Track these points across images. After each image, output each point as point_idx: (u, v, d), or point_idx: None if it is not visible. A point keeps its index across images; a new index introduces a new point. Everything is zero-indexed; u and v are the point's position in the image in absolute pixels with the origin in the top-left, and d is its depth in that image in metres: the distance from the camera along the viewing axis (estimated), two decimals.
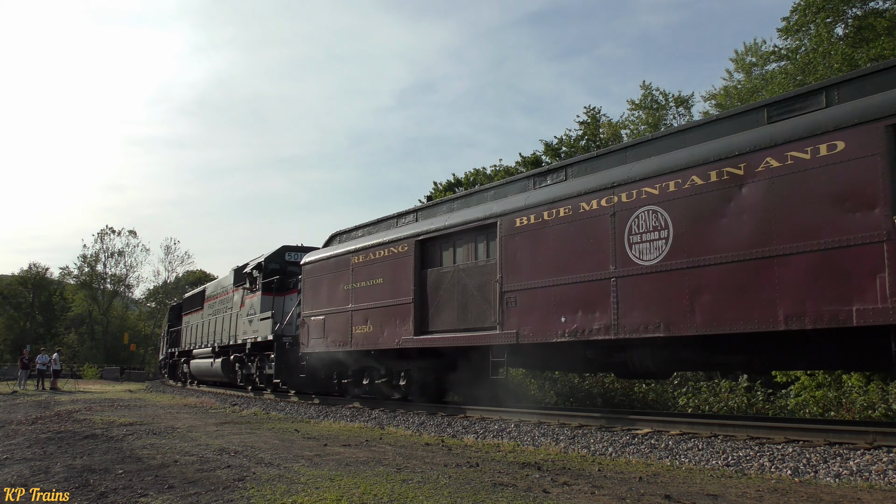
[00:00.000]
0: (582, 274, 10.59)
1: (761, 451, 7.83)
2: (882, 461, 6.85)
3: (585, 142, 32.55)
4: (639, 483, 6.60)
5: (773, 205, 8.37)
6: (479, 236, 13.00)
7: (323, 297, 17.22)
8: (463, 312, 13.00)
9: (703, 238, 9.07)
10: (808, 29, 22.44)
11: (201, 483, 6.54)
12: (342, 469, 7.28)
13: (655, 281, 9.60)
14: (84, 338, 74.13)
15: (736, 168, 8.75)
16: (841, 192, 7.75)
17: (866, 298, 7.46)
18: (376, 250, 15.35)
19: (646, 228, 9.78)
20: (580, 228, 10.72)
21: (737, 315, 8.60)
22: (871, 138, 7.53)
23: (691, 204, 9.23)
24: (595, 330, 10.31)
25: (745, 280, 8.56)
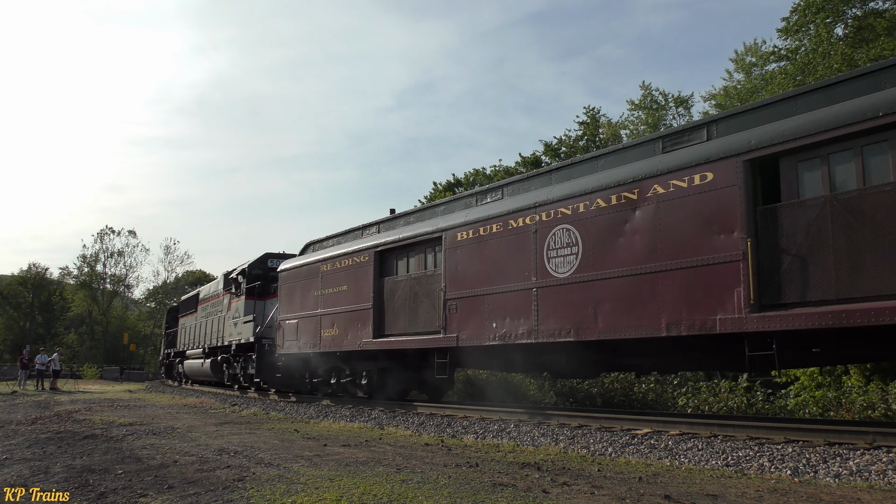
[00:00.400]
0: (510, 284, 11.77)
1: (761, 451, 7.83)
2: (882, 461, 6.85)
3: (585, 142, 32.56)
4: (638, 483, 6.60)
5: (658, 226, 9.57)
6: (428, 248, 14.18)
7: (297, 302, 18.46)
8: (414, 317, 14.17)
9: (605, 254, 10.29)
10: (808, 29, 22.44)
11: (201, 483, 6.54)
12: (342, 469, 7.28)
13: (568, 292, 10.79)
14: (84, 338, 74.13)
15: (631, 193, 9.95)
16: (710, 217, 8.94)
17: (727, 309, 8.66)
18: (342, 259, 16.61)
19: (561, 244, 11.01)
20: (509, 243, 11.90)
21: (630, 323, 9.78)
22: (732, 171, 8.72)
23: (596, 224, 10.47)
24: (519, 335, 11.49)
25: (637, 292, 9.76)
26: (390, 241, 15.03)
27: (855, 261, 7.74)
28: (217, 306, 26.57)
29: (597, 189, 10.51)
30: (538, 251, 11.35)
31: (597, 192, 10.50)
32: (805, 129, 8.16)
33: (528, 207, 11.66)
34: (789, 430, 8.66)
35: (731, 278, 8.64)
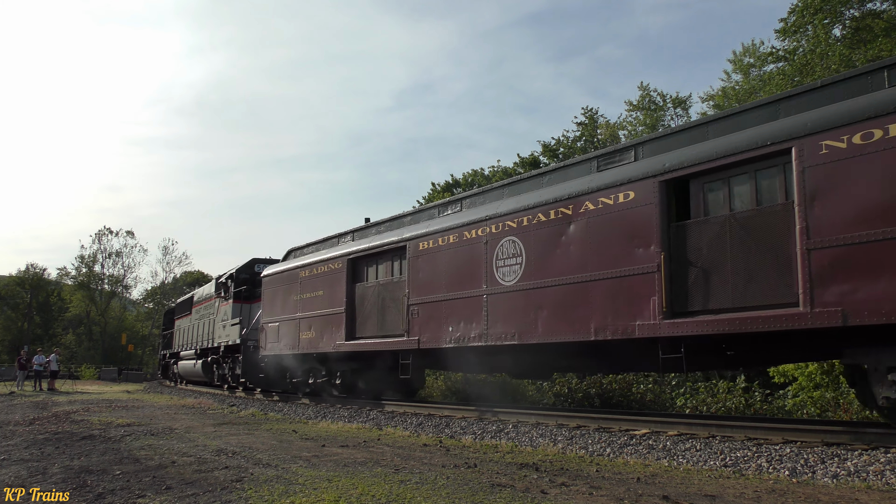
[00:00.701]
0: (464, 291, 12.72)
1: (759, 451, 7.84)
2: (879, 462, 6.86)
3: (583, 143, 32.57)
4: (637, 484, 6.61)
5: (589, 239, 10.49)
6: (394, 257, 15.11)
7: (278, 306, 19.45)
8: (382, 321, 15.12)
9: (544, 264, 11.19)
10: (806, 30, 22.46)
11: (199, 484, 6.54)
12: (340, 470, 7.28)
13: (513, 298, 11.69)
14: (82, 338, 73.98)
15: (567, 209, 10.87)
16: (631, 232, 9.81)
17: (644, 316, 9.52)
18: (318, 266, 17.60)
19: (508, 255, 11.93)
20: (464, 253, 12.85)
21: (565, 327, 10.67)
22: (650, 191, 9.61)
23: (538, 236, 11.36)
24: (472, 338, 12.41)
25: (570, 299, 10.66)
26: (361, 250, 16.01)
27: (748, 273, 8.64)
28: (209, 309, 27.39)
29: (538, 204, 11.43)
30: (488, 261, 12.28)
31: (538, 207, 11.41)
32: (710, 154, 9.06)
33: (480, 220, 12.59)
34: (787, 430, 8.67)
35: (648, 288, 9.54)
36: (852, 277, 7.65)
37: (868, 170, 7.57)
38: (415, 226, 14.60)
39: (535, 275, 11.32)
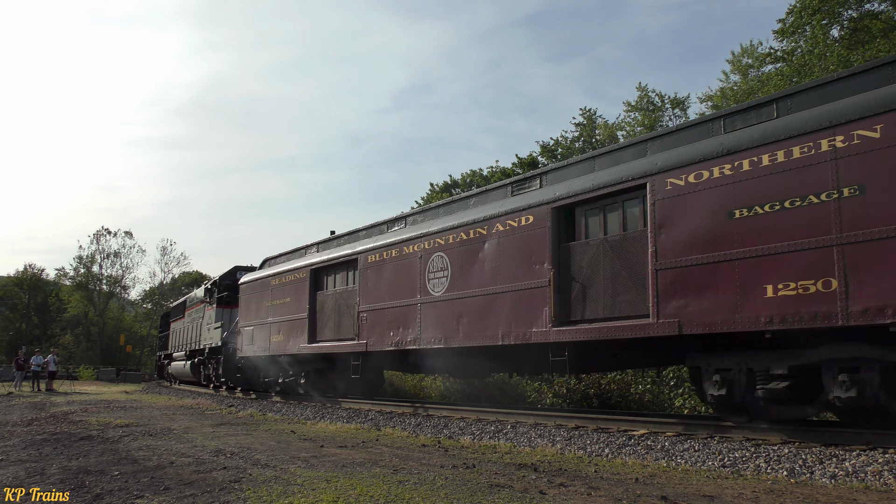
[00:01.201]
0: (402, 300, 14.29)
1: (757, 452, 7.84)
2: (878, 462, 6.87)
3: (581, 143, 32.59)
4: (635, 484, 6.61)
5: (499, 256, 12.06)
6: (349, 268, 16.77)
7: (253, 311, 21.23)
8: (338, 326, 16.76)
9: (465, 277, 12.76)
10: (804, 31, 22.48)
11: (197, 484, 6.53)
12: (338, 470, 7.28)
13: (440, 307, 13.25)
14: (80, 339, 73.91)
15: (483, 229, 12.49)
16: (531, 251, 11.40)
17: (539, 324, 11.04)
18: (286, 275, 19.38)
19: (437, 269, 13.52)
20: (404, 266, 14.43)
21: (479, 333, 12.24)
22: (545, 216, 11.23)
23: (460, 253, 12.94)
24: (408, 341, 13.97)
25: (484, 309, 12.20)
26: (322, 261, 17.73)
27: (616, 288, 10.17)
28: (199, 313, 28.92)
29: (461, 225, 13.04)
30: (422, 274, 13.88)
31: (461, 227, 13.02)
32: (589, 186, 10.63)
33: (416, 237, 14.17)
34: (785, 430, 8.68)
35: (542, 300, 11.06)
36: (686, 294, 9.14)
37: (697, 204, 9.09)
38: (367, 240, 16.31)
39: (457, 287, 12.95)
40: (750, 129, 8.91)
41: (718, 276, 8.76)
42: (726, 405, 9.36)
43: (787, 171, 8.22)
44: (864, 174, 7.58)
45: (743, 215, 8.62)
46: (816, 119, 8.08)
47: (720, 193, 8.85)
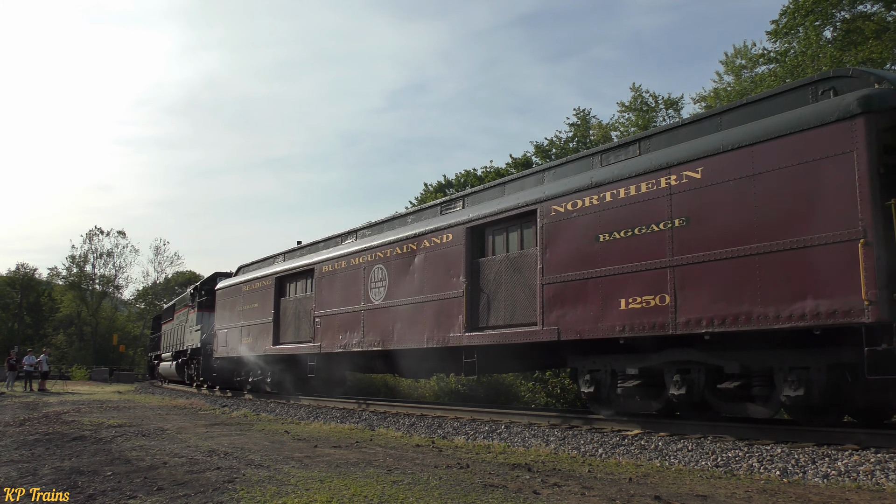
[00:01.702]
0: (350, 307, 16.00)
1: (750, 451, 7.87)
2: (870, 462, 6.90)
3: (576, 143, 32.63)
4: (629, 484, 6.62)
5: (426, 269, 13.74)
6: (307, 277, 18.58)
7: (227, 315, 23.13)
8: (298, 330, 18.58)
9: (399, 287, 14.42)
10: (797, 32, 22.54)
11: (191, 485, 6.52)
12: (332, 470, 7.27)
13: (379, 314, 14.95)
14: (73, 339, 73.58)
15: (413, 244, 14.19)
16: (450, 265, 13.08)
17: (455, 330, 12.74)
18: (255, 282, 21.32)
19: (377, 279, 15.24)
20: (351, 276, 16.21)
21: (409, 337, 13.90)
22: (461, 235, 12.96)
23: (396, 265, 14.64)
24: (353, 344, 15.73)
25: (413, 315, 13.85)
26: (285, 270, 19.62)
27: (514, 299, 11.86)
28: (185, 316, 30.65)
29: (397, 240, 14.73)
30: (365, 283, 15.62)
31: (397, 243, 14.72)
32: (495, 210, 12.35)
33: (361, 250, 15.97)
34: (778, 430, 8.71)
35: (458, 308, 12.74)
36: (564, 305, 10.70)
37: (573, 229, 10.68)
38: (324, 251, 18.11)
39: (393, 295, 14.64)
40: (615, 166, 10.46)
41: (587, 290, 10.38)
42: (596, 400, 11.07)
43: (638, 203, 9.76)
44: (689, 208, 9.11)
45: (605, 239, 10.17)
46: (658, 160, 9.61)
47: (590, 220, 10.45)
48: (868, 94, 7.81)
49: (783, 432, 8.60)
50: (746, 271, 8.48)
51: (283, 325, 19.44)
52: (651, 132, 10.55)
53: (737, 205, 8.65)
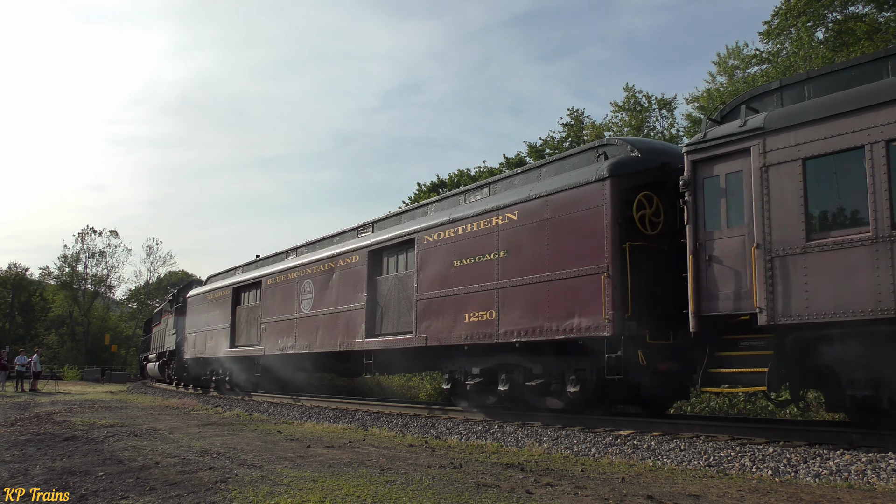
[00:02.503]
0: (286, 315, 19.06)
1: (742, 451, 7.89)
2: (861, 461, 6.93)
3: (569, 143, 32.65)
4: (621, 483, 6.63)
5: (340, 284, 16.71)
6: (257, 288, 21.52)
7: (195, 320, 26.48)
8: (249, 334, 21.60)
9: (321, 300, 17.36)
10: (789, 33, 22.60)
11: (183, 485, 6.50)
12: (325, 470, 7.26)
13: (308, 322, 17.86)
14: (64, 339, 73.26)
15: (332, 263, 17.19)
16: (356, 282, 15.97)
17: (358, 336, 15.53)
18: (217, 291, 24.49)
19: (306, 292, 18.20)
20: (288, 289, 19.25)
21: (327, 342, 16.82)
22: (364, 257, 15.85)
23: (319, 280, 17.63)
24: (289, 347, 18.66)
25: (330, 323, 16.78)
26: (240, 281, 22.72)
27: (400, 311, 14.42)
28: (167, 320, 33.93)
29: (320, 260, 17.77)
30: (298, 295, 18.54)
31: (320, 261, 17.74)
32: (387, 239, 15.20)
33: (296, 266, 19.00)
34: (770, 430, 8.74)
35: (361, 318, 15.50)
36: (430, 317, 13.37)
37: (438, 255, 13.44)
38: (271, 265, 21.14)
39: (317, 306, 17.50)
40: (468, 205, 13.26)
41: (445, 305, 13.04)
42: (454, 395, 13.80)
43: (479, 236, 12.51)
44: (509, 243, 11.85)
45: (458, 265, 12.91)
46: (493, 203, 12.38)
47: (449, 249, 13.20)
48: (615, 161, 10.44)
49: (775, 432, 8.63)
50: (541, 294, 11.13)
51: (238, 329, 22.47)
52: (498, 178, 13.29)
53: (536, 242, 11.33)
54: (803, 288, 8.18)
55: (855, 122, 7.98)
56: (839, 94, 8.34)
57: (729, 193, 9.19)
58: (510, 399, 12.34)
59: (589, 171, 10.72)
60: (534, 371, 11.66)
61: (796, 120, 8.51)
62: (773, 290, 8.40)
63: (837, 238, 8.02)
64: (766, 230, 8.58)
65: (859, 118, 7.95)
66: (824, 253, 8.06)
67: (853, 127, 7.98)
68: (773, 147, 8.67)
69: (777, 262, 8.44)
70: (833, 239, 8.05)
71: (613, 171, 10.20)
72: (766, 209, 8.61)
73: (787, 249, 8.37)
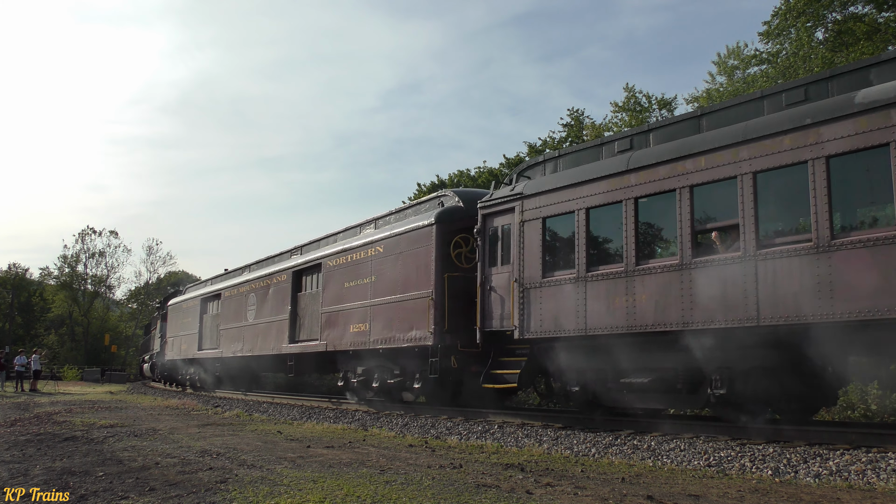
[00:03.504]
0: (237, 323, 22.95)
1: (742, 451, 7.89)
2: (861, 461, 6.93)
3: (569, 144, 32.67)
4: (621, 484, 6.63)
5: (273, 298, 20.41)
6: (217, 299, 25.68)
7: (172, 326, 31.11)
8: (212, 339, 25.57)
9: (262, 311, 21.07)
10: (789, 33, 22.61)
11: (183, 485, 6.49)
12: (325, 471, 7.26)
13: (252, 329, 21.46)
14: (64, 339, 73.19)
15: (269, 280, 20.93)
16: (283, 297, 19.68)
17: (283, 341, 19.08)
18: (189, 301, 28.97)
19: (251, 304, 21.93)
20: (238, 300, 23.21)
21: (265, 346, 20.37)
22: (289, 277, 19.47)
23: (260, 294, 21.40)
24: (239, 350, 22.46)
25: (266, 331, 20.33)
26: (207, 292, 27.08)
27: (312, 322, 17.98)
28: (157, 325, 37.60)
29: (261, 276, 21.66)
30: (245, 306, 22.38)
31: (262, 278, 21.51)
32: (304, 261, 18.92)
33: (244, 282, 23.05)
34: (770, 430, 8.74)
35: (286, 327, 19.08)
36: (330, 328, 16.76)
37: (335, 277, 16.88)
38: (230, 279, 25.46)
39: (258, 316, 21.24)
40: (358, 237, 16.58)
41: (339, 318, 16.40)
42: (346, 390, 17.19)
43: (360, 264, 15.91)
44: (377, 270, 15.23)
45: (348, 286, 16.26)
46: (370, 237, 15.72)
47: (342, 272, 16.62)
48: (440, 210, 13.82)
49: (774, 432, 8.63)
50: (394, 312, 14.36)
51: (204, 335, 26.62)
52: (381, 216, 16.46)
53: (393, 270, 14.61)
54: (539, 312, 11.33)
55: (570, 193, 11.05)
56: (565, 172, 11.54)
57: (502, 240, 12.40)
58: (382, 393, 15.64)
59: (426, 216, 14.01)
60: (394, 371, 15.02)
61: (539, 189, 11.66)
62: (523, 312, 11.60)
63: (558, 277, 11.08)
64: (521, 269, 11.75)
65: (572, 191, 11.01)
66: (551, 287, 11.17)
67: (569, 197, 11.05)
68: (528, 208, 11.84)
69: (526, 293, 11.62)
70: (556, 277, 11.12)
71: (438, 219, 13.58)
72: (522, 253, 11.80)
73: (532, 283, 11.56)
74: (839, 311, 7.69)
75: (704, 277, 9.02)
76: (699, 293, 9.06)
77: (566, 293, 10.78)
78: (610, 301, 10.15)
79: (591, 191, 10.63)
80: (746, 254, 8.60)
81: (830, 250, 7.85)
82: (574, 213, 10.85)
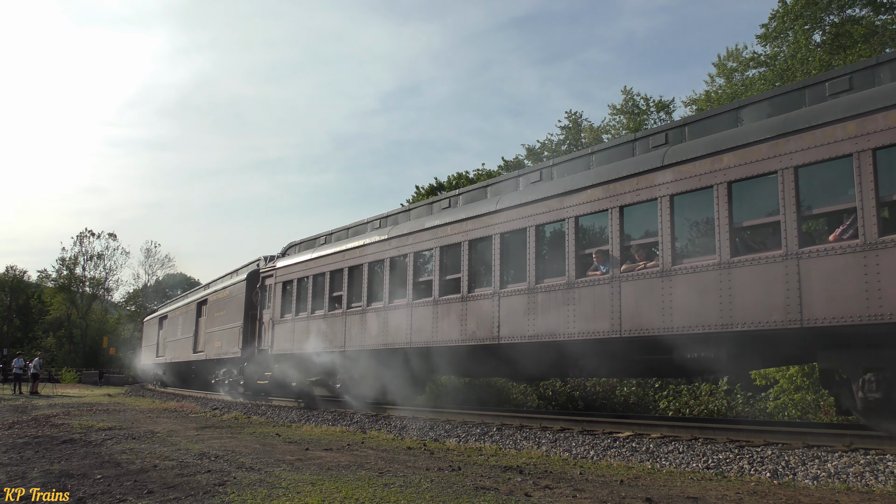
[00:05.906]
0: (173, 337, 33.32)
1: (741, 453, 7.89)
2: (859, 463, 6.93)
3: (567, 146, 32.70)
4: (620, 486, 6.63)
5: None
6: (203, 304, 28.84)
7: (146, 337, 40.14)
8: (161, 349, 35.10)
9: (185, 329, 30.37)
10: (787, 36, 22.65)
11: (181, 488, 6.49)
12: (324, 473, 7.25)
13: (178, 342, 31.33)
14: (62, 341, 73.02)
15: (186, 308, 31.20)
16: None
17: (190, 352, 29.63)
18: (181, 308, 32.90)
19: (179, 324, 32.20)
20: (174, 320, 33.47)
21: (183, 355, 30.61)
22: (195, 306, 29.80)
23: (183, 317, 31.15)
24: (173, 357, 32.39)
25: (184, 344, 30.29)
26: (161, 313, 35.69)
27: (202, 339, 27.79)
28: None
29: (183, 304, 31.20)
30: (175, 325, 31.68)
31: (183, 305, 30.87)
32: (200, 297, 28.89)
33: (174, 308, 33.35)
34: (769, 432, 8.75)
35: (191, 342, 28.51)
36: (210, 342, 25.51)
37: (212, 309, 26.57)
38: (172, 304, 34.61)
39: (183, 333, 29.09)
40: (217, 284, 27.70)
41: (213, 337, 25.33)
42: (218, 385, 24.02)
43: (220, 301, 25.63)
44: (218, 309, 25.70)
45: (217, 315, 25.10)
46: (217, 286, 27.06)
47: (210, 306, 26.46)
48: (250, 271, 22.57)
49: (773, 434, 8.64)
50: (226, 334, 22.99)
51: (159, 346, 35.90)
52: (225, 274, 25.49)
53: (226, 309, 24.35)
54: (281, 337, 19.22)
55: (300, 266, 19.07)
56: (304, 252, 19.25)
57: (272, 293, 20.18)
58: (245, 388, 22.03)
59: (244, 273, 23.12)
60: (234, 373, 22.72)
61: (283, 264, 19.63)
62: (271, 338, 19.64)
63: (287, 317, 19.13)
64: (275, 312, 19.60)
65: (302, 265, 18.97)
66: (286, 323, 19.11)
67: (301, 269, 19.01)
68: (278, 275, 19.93)
69: (271, 326, 19.65)
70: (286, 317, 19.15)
71: (247, 277, 22.53)
72: (273, 301, 19.85)
73: (278, 320, 19.44)
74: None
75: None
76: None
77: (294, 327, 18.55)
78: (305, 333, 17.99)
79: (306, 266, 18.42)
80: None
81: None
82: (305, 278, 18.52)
